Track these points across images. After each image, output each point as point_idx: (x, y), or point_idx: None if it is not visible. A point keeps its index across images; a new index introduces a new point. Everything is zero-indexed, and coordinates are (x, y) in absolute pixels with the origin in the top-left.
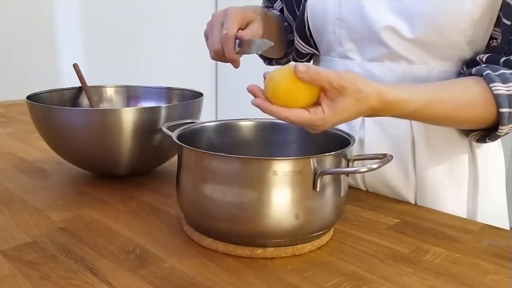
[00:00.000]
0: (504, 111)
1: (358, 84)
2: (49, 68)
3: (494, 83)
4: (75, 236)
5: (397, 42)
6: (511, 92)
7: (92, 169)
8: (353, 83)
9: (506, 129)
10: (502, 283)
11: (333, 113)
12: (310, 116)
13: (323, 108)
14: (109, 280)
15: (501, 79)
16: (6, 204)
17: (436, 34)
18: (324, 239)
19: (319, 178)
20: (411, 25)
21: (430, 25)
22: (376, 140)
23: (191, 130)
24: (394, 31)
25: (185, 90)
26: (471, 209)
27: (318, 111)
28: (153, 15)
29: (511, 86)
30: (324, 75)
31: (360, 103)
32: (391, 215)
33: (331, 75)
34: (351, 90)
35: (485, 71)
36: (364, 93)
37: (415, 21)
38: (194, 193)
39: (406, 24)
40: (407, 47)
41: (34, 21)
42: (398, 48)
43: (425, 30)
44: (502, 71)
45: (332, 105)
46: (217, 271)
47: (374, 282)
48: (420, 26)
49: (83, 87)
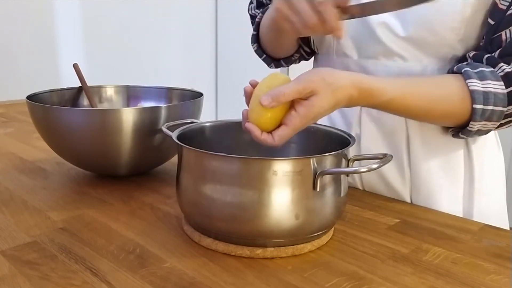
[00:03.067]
0: (477, 107)
1: (327, 79)
2: (49, 68)
3: (470, 79)
4: (75, 236)
5: (391, 39)
6: (486, 89)
7: (92, 169)
8: (321, 80)
9: (477, 125)
10: (502, 283)
11: (308, 110)
12: (288, 128)
13: (297, 110)
14: (109, 280)
15: (479, 76)
16: (6, 204)
17: (427, 32)
18: (324, 239)
19: (319, 178)
20: (404, 23)
21: (422, 23)
22: (372, 137)
23: (191, 130)
24: (388, 28)
25: (185, 90)
26: (467, 206)
27: (293, 118)
28: (153, 15)
29: (487, 84)
30: (291, 92)
31: (336, 94)
32: (391, 215)
33: (297, 86)
34: (322, 87)
35: (464, 68)
36: (336, 84)
37: (407, 19)
38: (194, 193)
39: (398, 21)
40: (401, 44)
41: (34, 21)
42: (392, 46)
43: (417, 28)
44: (481, 69)
45: (305, 104)
46: (217, 271)
47: (374, 282)
48: (412, 24)
49: (83, 87)
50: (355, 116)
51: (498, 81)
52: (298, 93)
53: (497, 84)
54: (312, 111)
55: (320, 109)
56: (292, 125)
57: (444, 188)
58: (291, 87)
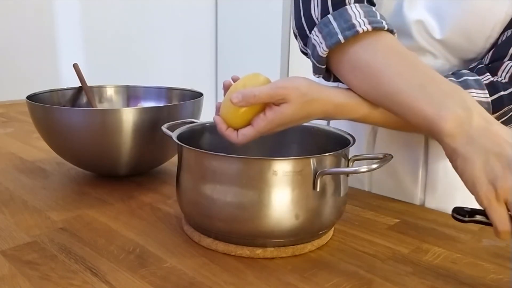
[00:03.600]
0: None
1: (301, 90)
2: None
3: None
4: (75, 236)
5: (425, 38)
6: None
7: (92, 169)
8: (295, 89)
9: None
10: (502, 283)
11: (276, 116)
12: (254, 129)
13: (266, 113)
14: (109, 280)
15: (462, 85)
16: (6, 204)
17: (463, 38)
18: (324, 239)
19: (319, 178)
20: (441, 25)
21: (460, 29)
22: (388, 135)
23: (191, 130)
24: (424, 27)
25: (185, 90)
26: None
27: (260, 121)
28: (153, 15)
29: (471, 93)
30: (262, 95)
31: (308, 106)
32: (391, 215)
33: (270, 91)
34: (294, 97)
35: (448, 78)
36: (310, 96)
37: (445, 22)
38: (194, 193)
39: (436, 23)
40: (434, 44)
41: (34, 21)
42: (425, 45)
43: (454, 33)
44: (464, 78)
45: (275, 110)
46: (217, 271)
47: (374, 282)
48: (450, 28)
49: (83, 87)
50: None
51: (481, 89)
52: (269, 97)
53: (480, 92)
54: (279, 118)
55: (289, 117)
56: (258, 127)
57: (460, 189)
58: (263, 91)
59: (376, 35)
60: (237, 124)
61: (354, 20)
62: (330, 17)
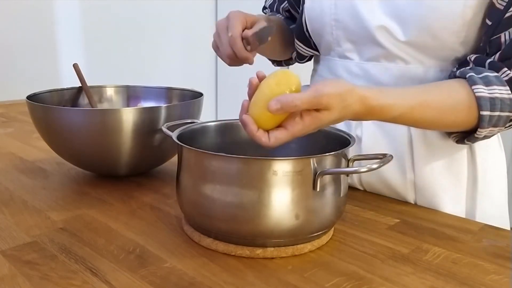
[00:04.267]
0: (485, 114)
1: (343, 96)
2: (49, 68)
3: (476, 86)
4: (75, 236)
5: (391, 42)
6: (493, 95)
7: (92, 169)
8: (338, 96)
9: (484, 132)
10: (502, 283)
11: (313, 122)
12: (287, 132)
13: (303, 117)
14: (109, 280)
15: (484, 81)
16: (6, 204)
17: (428, 36)
18: (324, 239)
19: (319, 178)
20: (404, 27)
21: (422, 27)
22: (373, 139)
23: (191, 130)
24: (388, 31)
25: (185, 90)
26: (469, 207)
27: (295, 124)
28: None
29: (493, 89)
30: (303, 105)
31: (344, 110)
32: (391, 215)
33: (312, 99)
34: (336, 104)
35: (469, 73)
36: (348, 102)
37: (408, 24)
38: (194, 193)
39: (398, 26)
40: (402, 48)
41: (34, 21)
42: (393, 49)
43: (417, 32)
44: (485, 74)
45: (313, 115)
46: (217, 271)
47: (374, 282)
48: (413, 28)
49: (83, 87)
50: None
51: (503, 85)
52: (311, 106)
53: (502, 89)
54: (316, 124)
55: (325, 123)
56: (293, 130)
57: (448, 189)
58: (304, 100)
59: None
60: (269, 125)
61: None
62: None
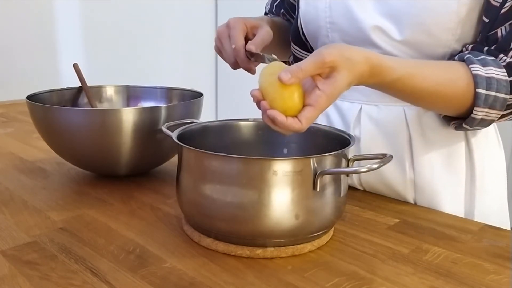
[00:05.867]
0: (480, 91)
1: (345, 54)
2: (49, 68)
3: (473, 64)
4: (75, 236)
5: (387, 42)
6: (489, 75)
7: (92, 169)
8: (340, 55)
9: (481, 112)
10: (502, 283)
11: (334, 88)
12: (315, 109)
13: (321, 88)
14: (109, 280)
15: (481, 63)
16: (6, 204)
17: (424, 34)
18: (324, 239)
19: (319, 178)
20: (399, 26)
21: (417, 26)
22: (372, 138)
23: (191, 130)
24: (382, 31)
25: (185, 90)
26: (468, 205)
27: (318, 98)
28: (153, 15)
29: (490, 70)
30: (309, 67)
31: (353, 69)
32: (391, 215)
33: (316, 60)
34: (342, 62)
35: (466, 55)
36: (354, 60)
37: (403, 23)
38: (194, 193)
39: (393, 25)
40: (398, 47)
41: (34, 21)
42: (389, 48)
43: (413, 31)
44: (483, 56)
45: (329, 82)
46: (217, 271)
47: (374, 282)
48: (408, 27)
49: (83, 87)
50: (353, 117)
51: (500, 68)
52: (318, 67)
53: (499, 70)
54: (336, 88)
55: (342, 86)
56: (319, 105)
57: (447, 188)
58: (310, 61)
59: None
60: (294, 111)
61: None
62: None
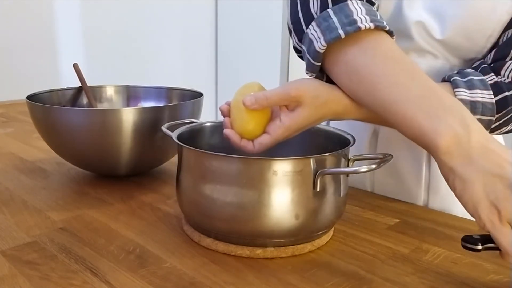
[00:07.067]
0: None
1: (313, 92)
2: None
3: (458, 88)
4: (75, 236)
5: (425, 39)
6: (474, 99)
7: (92, 169)
8: (307, 91)
9: None
10: (502, 283)
11: (293, 122)
12: (271, 137)
13: (282, 119)
14: (109, 280)
15: (467, 85)
16: (6, 204)
17: (464, 38)
18: (324, 239)
19: (319, 178)
20: (442, 26)
21: (461, 29)
22: (390, 135)
23: (191, 130)
24: (425, 28)
25: (185, 90)
26: None
27: (277, 128)
28: (153, 15)
29: (476, 93)
30: (274, 97)
31: (321, 108)
32: (391, 215)
33: (282, 92)
34: (308, 98)
35: (454, 77)
36: (321, 99)
37: (446, 23)
38: (194, 193)
39: (437, 24)
40: (434, 45)
41: (34, 21)
42: (426, 45)
43: (455, 33)
44: (470, 77)
45: (291, 115)
46: (217, 271)
47: (374, 282)
48: (450, 29)
49: (83, 87)
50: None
51: (486, 90)
52: (282, 99)
53: (485, 93)
54: (296, 123)
55: (305, 121)
56: (275, 135)
57: None
58: (274, 93)
59: (377, 36)
60: (252, 135)
61: (356, 16)
62: (330, 11)
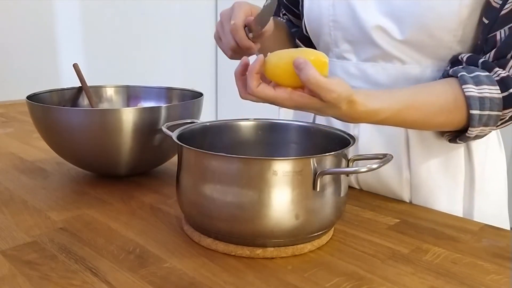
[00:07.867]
0: (474, 113)
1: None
2: (49, 68)
3: (466, 85)
4: (75, 236)
5: (388, 42)
6: (482, 95)
7: (92, 169)
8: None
9: (475, 131)
10: (502, 283)
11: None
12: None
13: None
14: (109, 280)
15: (475, 81)
16: (6, 204)
17: (425, 35)
18: (324, 239)
19: (319, 178)
20: (401, 26)
21: (419, 26)
22: (370, 138)
23: (191, 130)
24: (384, 31)
25: (185, 90)
26: (467, 207)
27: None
28: (153, 15)
29: (483, 89)
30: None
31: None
32: (391, 215)
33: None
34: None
35: (460, 73)
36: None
37: (404, 23)
38: (194, 193)
39: (395, 25)
40: (399, 47)
41: (34, 21)
42: (390, 48)
43: (414, 31)
44: (477, 73)
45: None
46: (217, 271)
47: (374, 282)
48: (409, 27)
49: (83, 87)
50: None
51: (493, 85)
52: (317, 90)
53: (492, 88)
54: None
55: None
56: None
57: (444, 188)
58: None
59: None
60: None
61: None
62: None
